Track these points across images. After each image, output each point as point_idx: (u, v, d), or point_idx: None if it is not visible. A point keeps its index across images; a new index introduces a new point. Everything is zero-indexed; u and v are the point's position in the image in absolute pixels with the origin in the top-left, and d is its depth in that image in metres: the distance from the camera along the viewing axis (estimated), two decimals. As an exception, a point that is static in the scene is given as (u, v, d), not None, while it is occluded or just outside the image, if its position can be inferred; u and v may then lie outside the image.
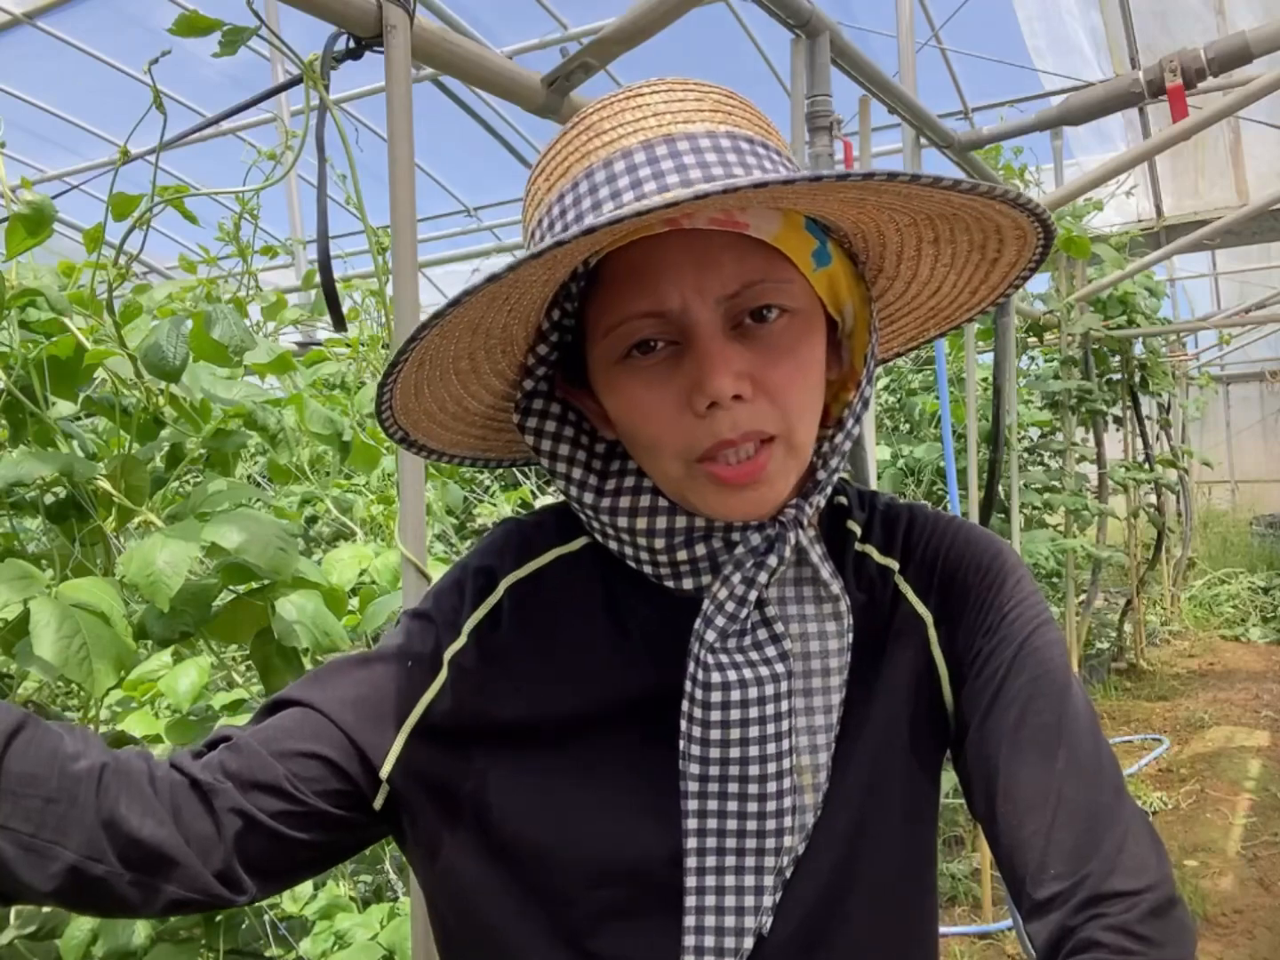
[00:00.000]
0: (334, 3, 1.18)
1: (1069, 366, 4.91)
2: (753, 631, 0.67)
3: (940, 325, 0.78)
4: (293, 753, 0.68)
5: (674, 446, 0.63)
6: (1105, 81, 2.72)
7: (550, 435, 0.70)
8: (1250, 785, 4.61)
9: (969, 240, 0.67)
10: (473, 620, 0.71)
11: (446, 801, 0.70)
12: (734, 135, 0.63)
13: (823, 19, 2.01)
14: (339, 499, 2.02)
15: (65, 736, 0.64)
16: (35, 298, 1.24)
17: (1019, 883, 0.64)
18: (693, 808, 0.66)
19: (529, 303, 0.64)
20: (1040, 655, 0.69)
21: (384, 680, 0.71)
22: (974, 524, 0.77)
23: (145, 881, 0.64)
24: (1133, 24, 5.37)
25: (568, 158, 0.64)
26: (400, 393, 0.66)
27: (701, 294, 0.61)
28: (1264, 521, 9.84)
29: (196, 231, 1.72)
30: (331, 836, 0.70)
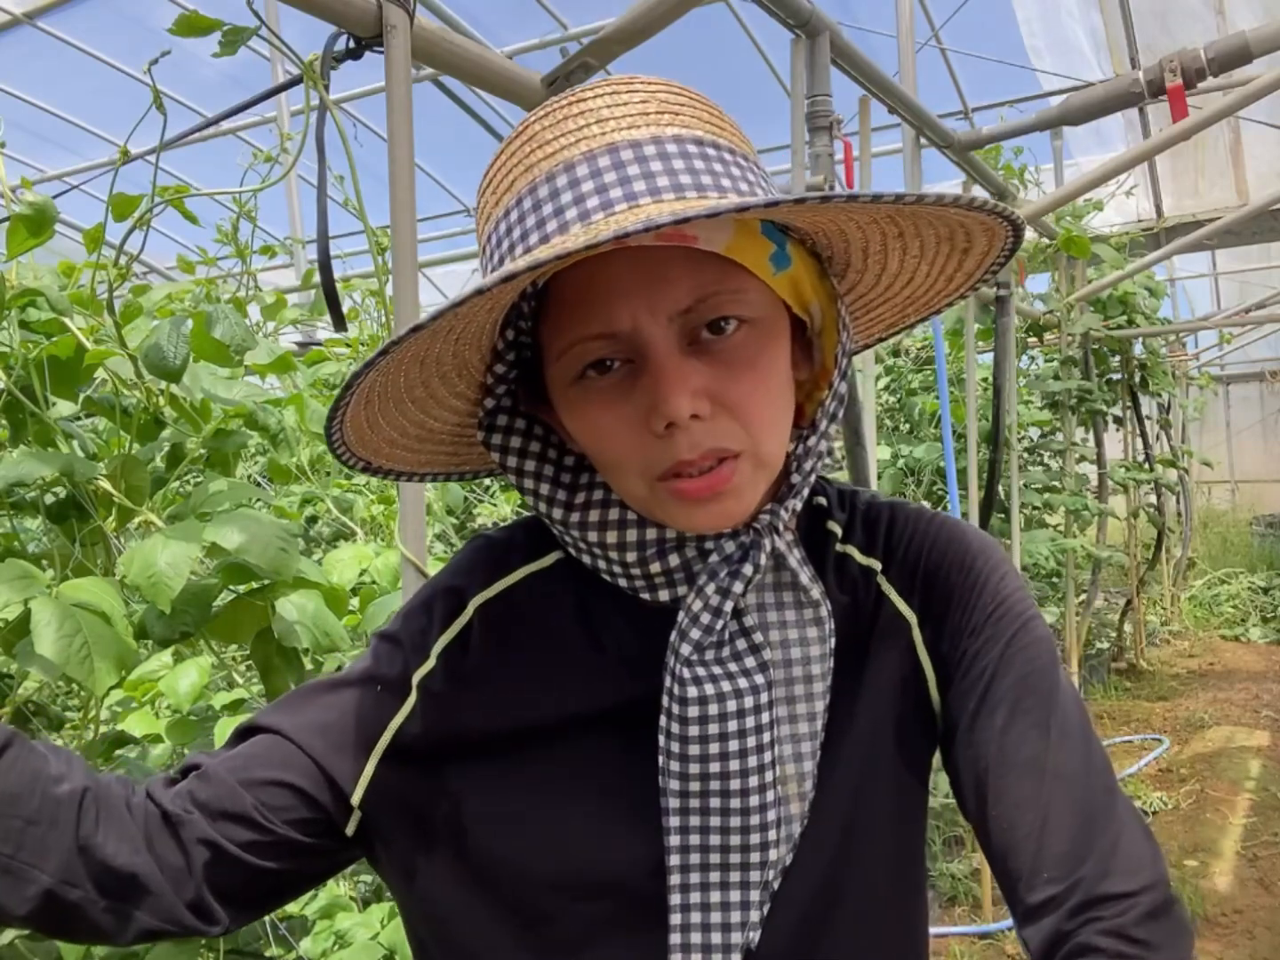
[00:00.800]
0: (334, 3, 1.18)
1: (1069, 366, 4.91)
2: (731, 642, 0.65)
3: (920, 311, 0.76)
4: (261, 781, 0.67)
5: (635, 466, 0.62)
6: (1105, 81, 2.72)
7: (516, 451, 0.68)
8: (1250, 785, 4.61)
9: (935, 234, 0.65)
10: (441, 642, 0.70)
11: (420, 825, 0.69)
12: (681, 139, 0.60)
13: (823, 19, 2.01)
14: (339, 499, 2.02)
15: (50, 758, 0.64)
16: (35, 298, 1.24)
17: (1012, 887, 0.63)
18: (674, 824, 0.65)
19: (476, 329, 0.62)
20: (1028, 653, 0.67)
21: (353, 705, 0.69)
22: (958, 521, 0.75)
23: (119, 909, 0.63)
24: (1133, 24, 5.37)
25: (511, 170, 0.62)
26: (352, 429, 0.64)
27: (653, 312, 0.59)
28: (1264, 521, 9.83)
29: (196, 232, 1.72)
30: (302, 864, 0.69)
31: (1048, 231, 4.29)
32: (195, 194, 1.37)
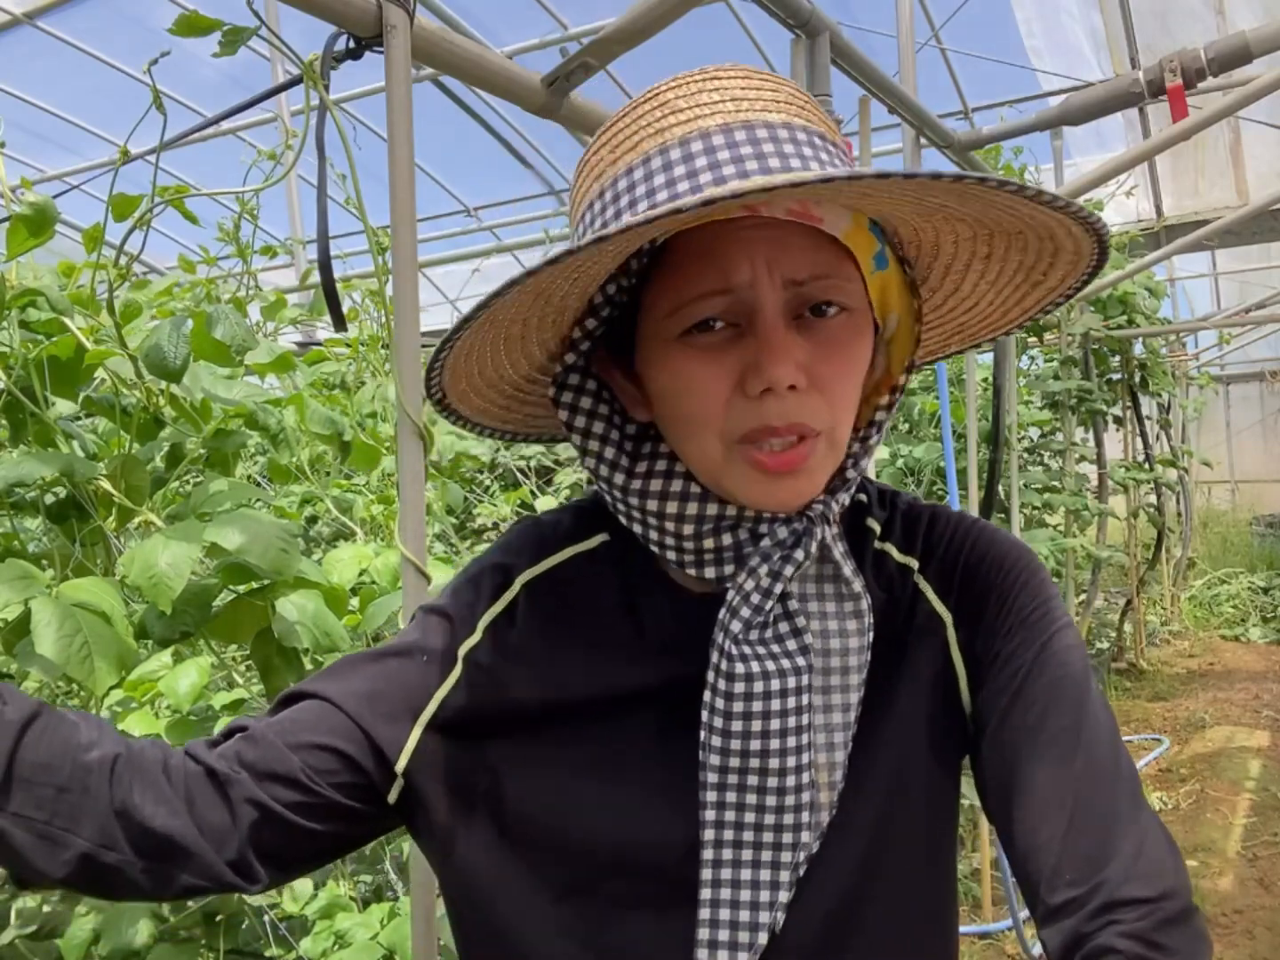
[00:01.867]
0: (334, 3, 1.18)
1: (1069, 366, 4.91)
2: (774, 624, 0.66)
3: (963, 342, 0.79)
4: (309, 745, 0.68)
5: (717, 424, 0.63)
6: (1105, 81, 2.72)
7: (585, 412, 0.69)
8: (1250, 785, 4.61)
9: (1020, 261, 0.67)
10: (488, 616, 0.72)
11: (461, 795, 0.70)
12: (809, 130, 0.62)
13: (823, 19, 2.01)
14: (339, 499, 2.02)
15: (80, 725, 0.65)
16: (35, 298, 1.24)
17: (1033, 887, 0.63)
18: (711, 799, 0.66)
19: (593, 274, 0.62)
20: (1061, 658, 0.68)
21: (399, 675, 0.71)
22: (996, 527, 0.76)
23: (157, 869, 0.65)
24: (1133, 24, 5.37)
25: (639, 131, 0.63)
26: (455, 352, 0.64)
27: (771, 272, 0.61)
28: (1264, 521, 9.84)
29: (196, 231, 1.72)
30: (345, 828, 0.70)
31: (1048, 231, 4.29)
32: (195, 194, 1.37)
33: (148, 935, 1.41)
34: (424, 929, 1.25)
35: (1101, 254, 0.63)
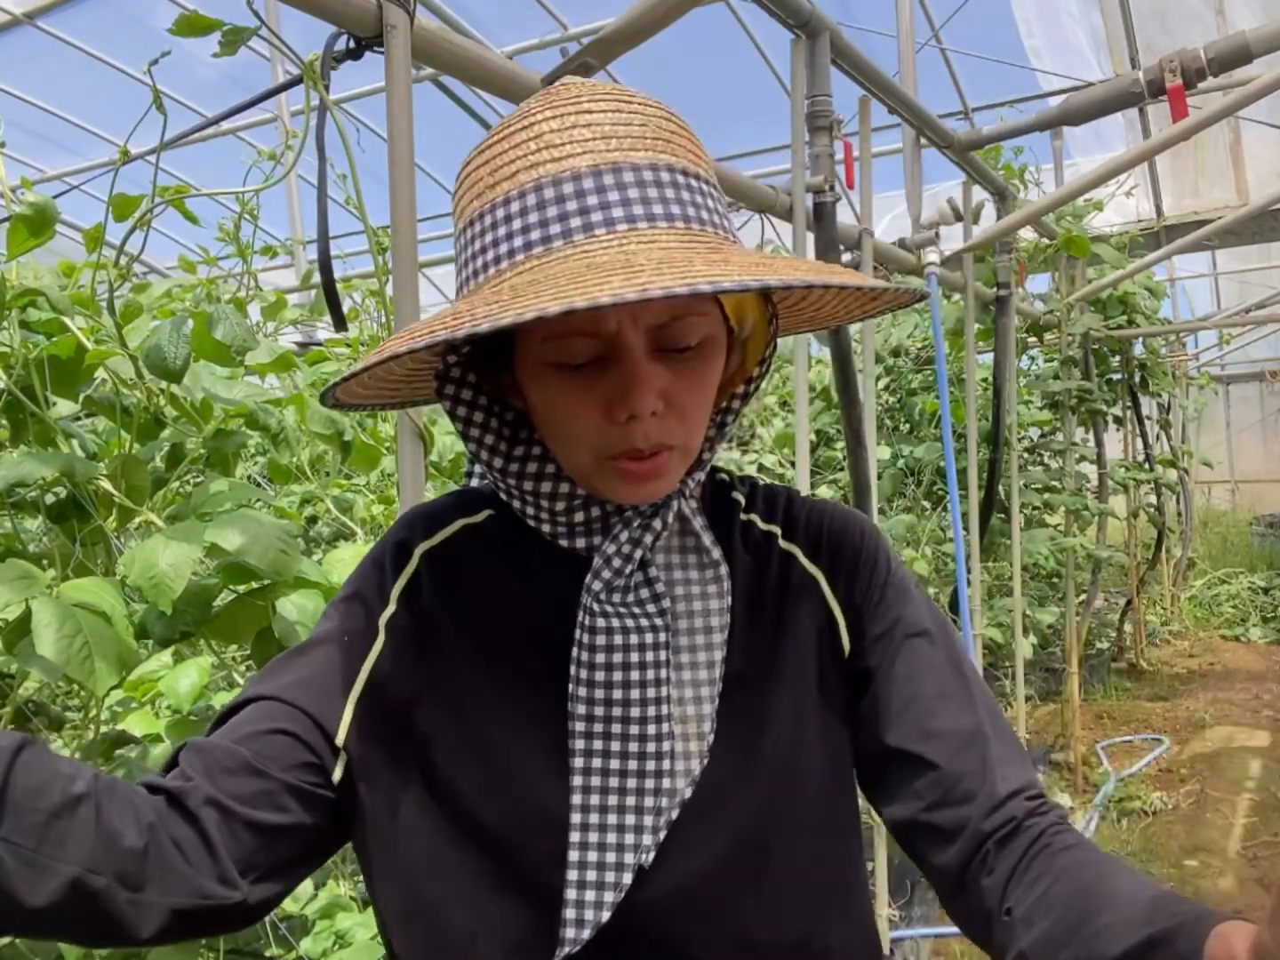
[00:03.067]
0: (334, 3, 1.18)
1: (1069, 366, 4.91)
2: (636, 590, 0.74)
3: (821, 324, 0.86)
4: (254, 734, 0.71)
5: (588, 445, 0.70)
6: (1105, 81, 2.73)
7: (466, 404, 0.75)
8: (1250, 785, 4.61)
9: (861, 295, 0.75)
10: (398, 587, 0.77)
11: (396, 764, 0.74)
12: (672, 169, 0.68)
13: (823, 19, 2.01)
14: (339, 499, 2.02)
15: (59, 759, 0.65)
16: (36, 298, 1.24)
17: (973, 792, 0.73)
18: (579, 747, 0.71)
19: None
20: (928, 606, 0.82)
21: (326, 658, 0.75)
22: (837, 503, 0.88)
23: (141, 899, 0.64)
24: (1133, 24, 5.37)
25: (515, 161, 0.68)
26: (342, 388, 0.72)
27: (636, 321, 0.67)
28: (1264, 521, 9.83)
29: (196, 231, 1.72)
30: (306, 817, 0.71)
31: (1048, 231, 4.29)
32: (195, 194, 1.37)
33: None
34: (424, 929, 1.25)
35: (910, 295, 0.72)
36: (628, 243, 0.63)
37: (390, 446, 1.79)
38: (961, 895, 0.71)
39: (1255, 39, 2.35)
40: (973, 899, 0.69)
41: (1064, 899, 0.63)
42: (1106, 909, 0.61)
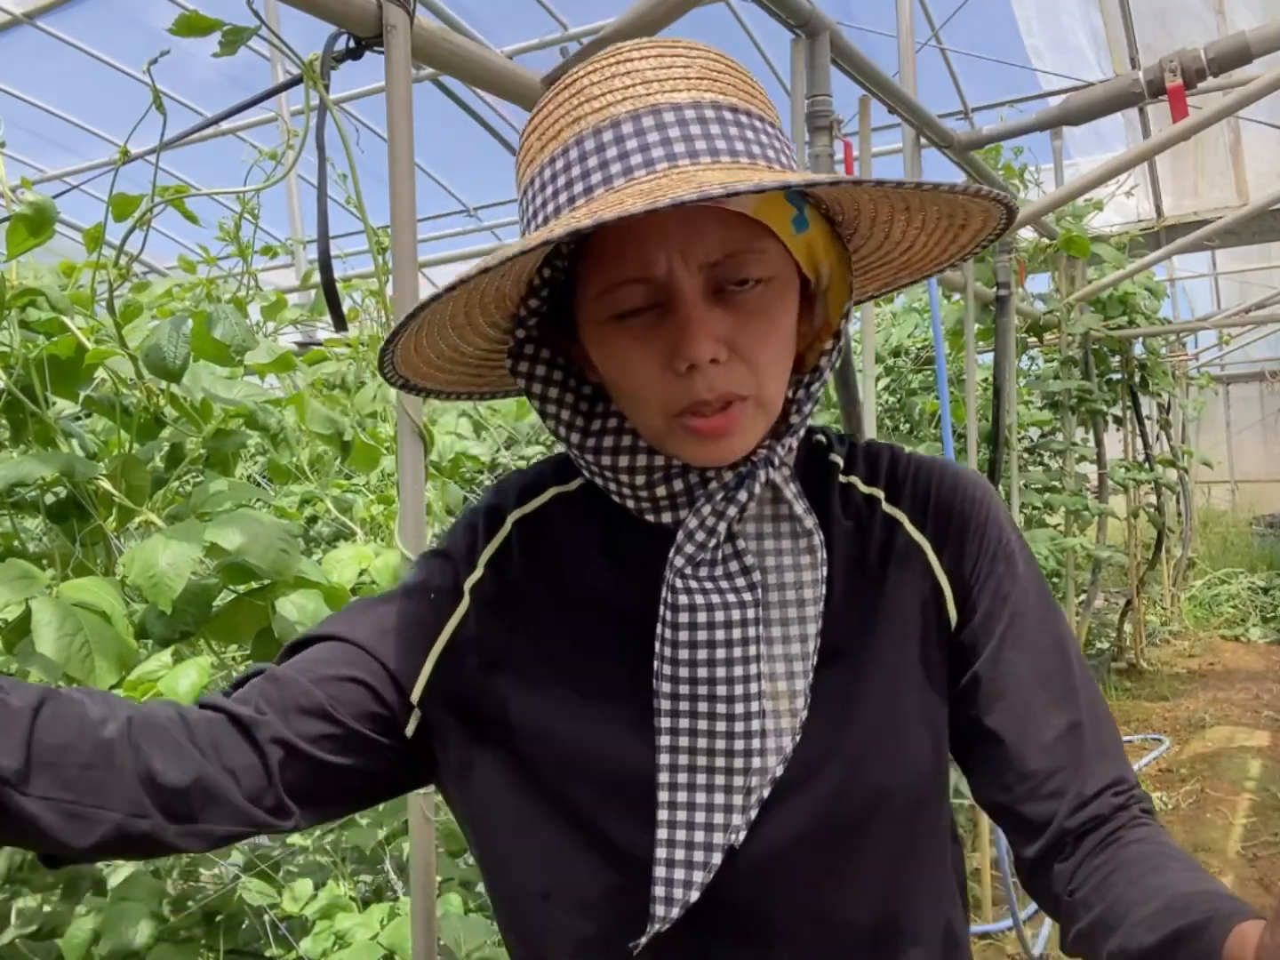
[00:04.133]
0: (334, 3, 1.18)
1: (1069, 366, 4.91)
2: (724, 563, 0.71)
3: (913, 274, 0.83)
4: (331, 678, 0.72)
5: (655, 401, 0.68)
6: (1105, 81, 2.72)
7: (540, 379, 0.74)
8: (1250, 785, 4.61)
9: (937, 211, 0.71)
10: (487, 552, 0.77)
11: (473, 724, 0.74)
12: (718, 105, 0.66)
13: (823, 19, 2.01)
14: (339, 499, 2.02)
15: (87, 702, 0.65)
16: (35, 297, 1.24)
17: (1067, 776, 0.72)
18: (665, 725, 0.70)
19: (520, 265, 0.68)
20: (1034, 591, 0.78)
21: (410, 612, 0.76)
22: (951, 461, 0.82)
23: (191, 829, 0.66)
24: (1133, 24, 5.37)
25: (559, 120, 0.68)
26: (401, 351, 0.71)
27: (686, 260, 0.65)
28: (1264, 521, 9.83)
29: (196, 231, 1.72)
30: (370, 763, 0.73)
31: (1048, 231, 4.29)
32: (195, 194, 1.37)
33: (148, 935, 1.41)
34: (424, 929, 1.25)
35: (1002, 206, 0.67)
36: (669, 177, 0.62)
37: (390, 446, 1.79)
38: (1038, 878, 0.72)
39: (1255, 39, 2.35)
40: (1047, 882, 0.71)
41: (1119, 887, 0.65)
42: (1153, 899, 0.62)
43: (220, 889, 1.70)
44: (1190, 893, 0.61)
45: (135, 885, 1.54)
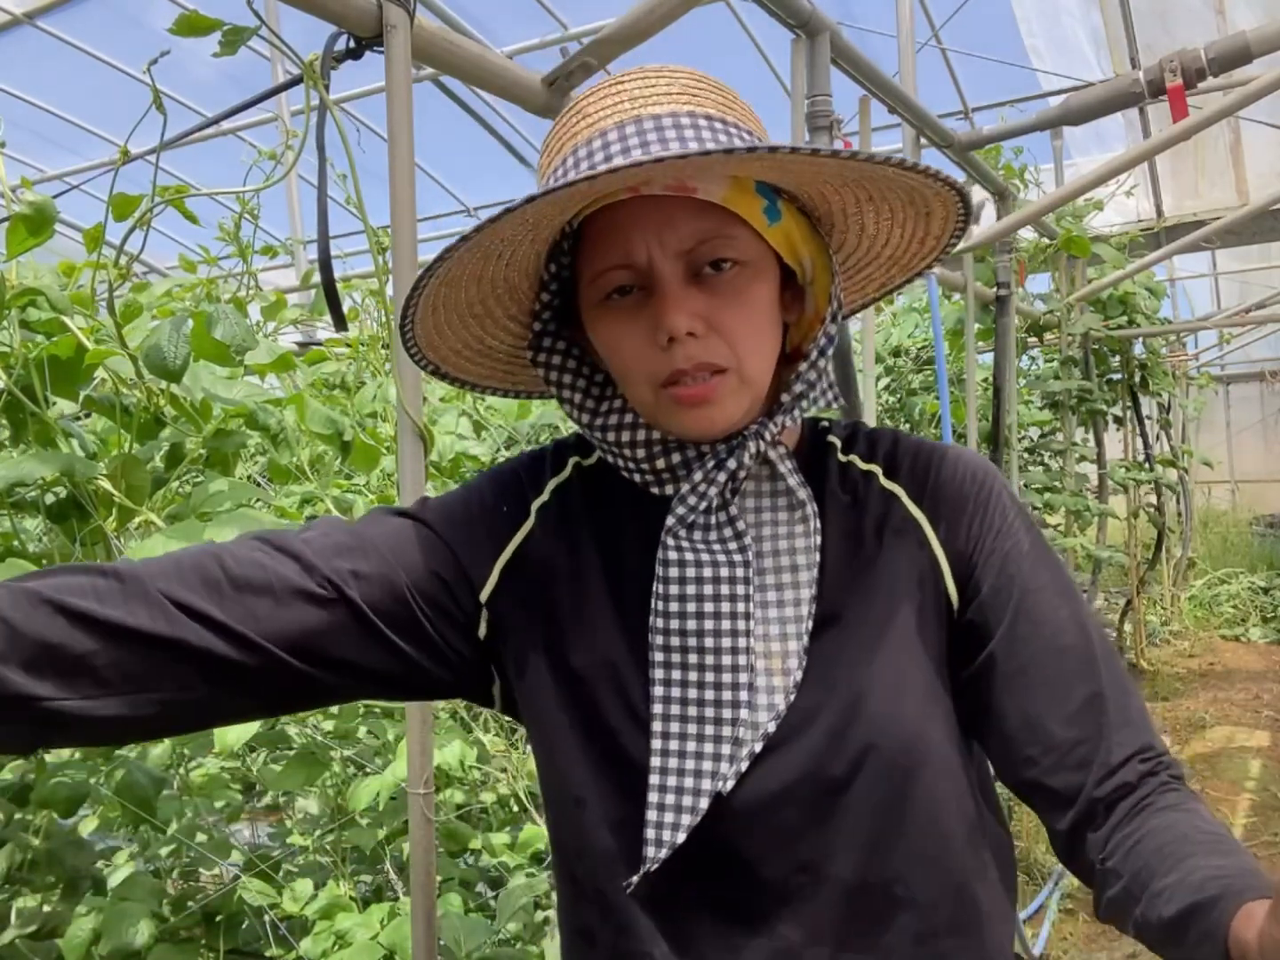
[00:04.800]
0: (334, 3, 1.18)
1: (1069, 366, 4.91)
2: (718, 528, 0.77)
3: (904, 272, 0.88)
4: (417, 566, 0.78)
5: (642, 373, 0.74)
6: (1105, 81, 2.72)
7: (557, 368, 0.82)
8: (1250, 785, 4.61)
9: (898, 198, 0.77)
10: (554, 482, 0.85)
11: (529, 631, 0.80)
12: (694, 114, 0.73)
13: (823, 19, 2.01)
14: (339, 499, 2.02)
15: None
16: (36, 297, 1.24)
17: (1092, 750, 0.73)
18: (659, 676, 0.75)
19: (523, 257, 0.77)
20: (1049, 556, 0.80)
21: (485, 517, 0.83)
22: (954, 444, 0.85)
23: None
24: (1133, 24, 5.37)
25: (562, 138, 0.76)
26: (421, 332, 0.79)
27: (663, 248, 0.72)
28: (1264, 521, 9.82)
29: (196, 231, 1.72)
30: (420, 653, 0.79)
31: (1048, 231, 4.29)
32: (195, 194, 1.37)
33: (148, 935, 1.41)
34: (424, 929, 1.25)
35: (943, 184, 0.72)
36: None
37: (390, 446, 1.79)
38: (1073, 849, 0.73)
39: (1255, 39, 2.35)
40: (1081, 852, 0.72)
41: (1145, 856, 0.67)
42: (1174, 870, 0.64)
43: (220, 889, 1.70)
44: (1208, 865, 0.63)
45: (135, 885, 1.54)
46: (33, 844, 1.52)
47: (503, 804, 2.14)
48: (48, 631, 0.65)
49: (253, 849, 1.93)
